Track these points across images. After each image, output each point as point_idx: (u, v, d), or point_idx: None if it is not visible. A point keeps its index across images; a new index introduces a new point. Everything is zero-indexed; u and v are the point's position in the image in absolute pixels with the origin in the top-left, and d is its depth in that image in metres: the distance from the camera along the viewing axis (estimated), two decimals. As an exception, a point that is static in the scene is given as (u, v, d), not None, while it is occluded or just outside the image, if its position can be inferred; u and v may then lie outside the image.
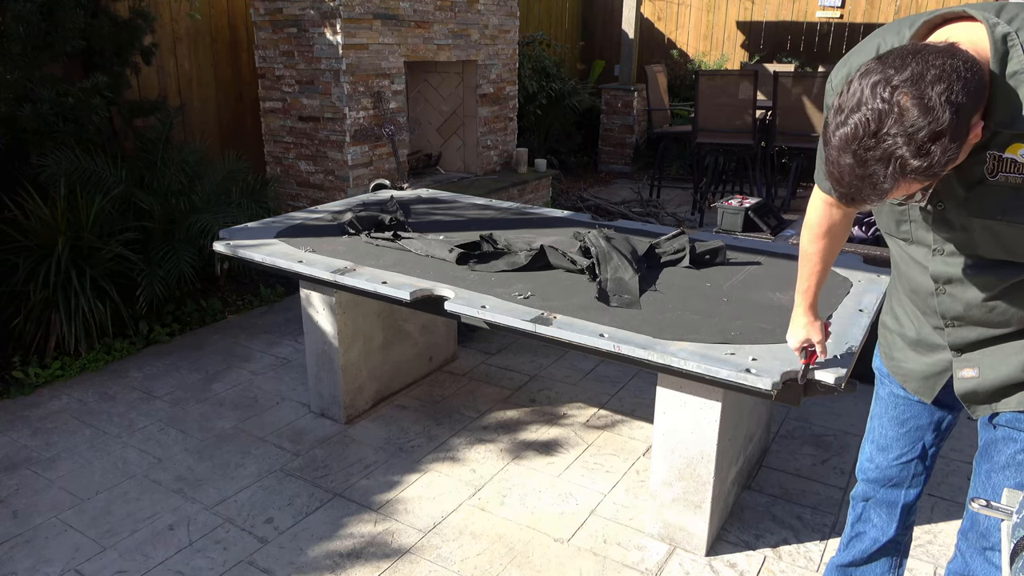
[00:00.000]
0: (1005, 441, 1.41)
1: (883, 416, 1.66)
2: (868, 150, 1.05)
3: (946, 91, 1.02)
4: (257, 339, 3.83)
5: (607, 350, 2.02)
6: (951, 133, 1.02)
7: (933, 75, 1.02)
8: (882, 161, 1.05)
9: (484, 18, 5.60)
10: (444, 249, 2.71)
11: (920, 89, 1.02)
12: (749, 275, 2.57)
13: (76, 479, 2.64)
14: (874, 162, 1.06)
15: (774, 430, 3.01)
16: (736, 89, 6.09)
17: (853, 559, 1.81)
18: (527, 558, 2.28)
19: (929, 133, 1.02)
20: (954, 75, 1.03)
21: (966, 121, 1.04)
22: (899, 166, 1.04)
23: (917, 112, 1.02)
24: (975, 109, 1.06)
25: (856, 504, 1.78)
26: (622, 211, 6.35)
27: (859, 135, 1.05)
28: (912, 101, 1.02)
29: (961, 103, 1.02)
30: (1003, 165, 1.15)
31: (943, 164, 1.04)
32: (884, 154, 1.04)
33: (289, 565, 2.24)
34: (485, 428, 3.01)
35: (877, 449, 1.69)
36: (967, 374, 1.42)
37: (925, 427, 1.60)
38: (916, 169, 1.04)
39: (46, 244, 3.42)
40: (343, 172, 4.69)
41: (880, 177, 1.06)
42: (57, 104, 3.52)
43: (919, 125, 1.02)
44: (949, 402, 1.55)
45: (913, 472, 1.65)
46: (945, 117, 1.01)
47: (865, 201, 1.12)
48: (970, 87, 1.04)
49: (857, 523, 1.78)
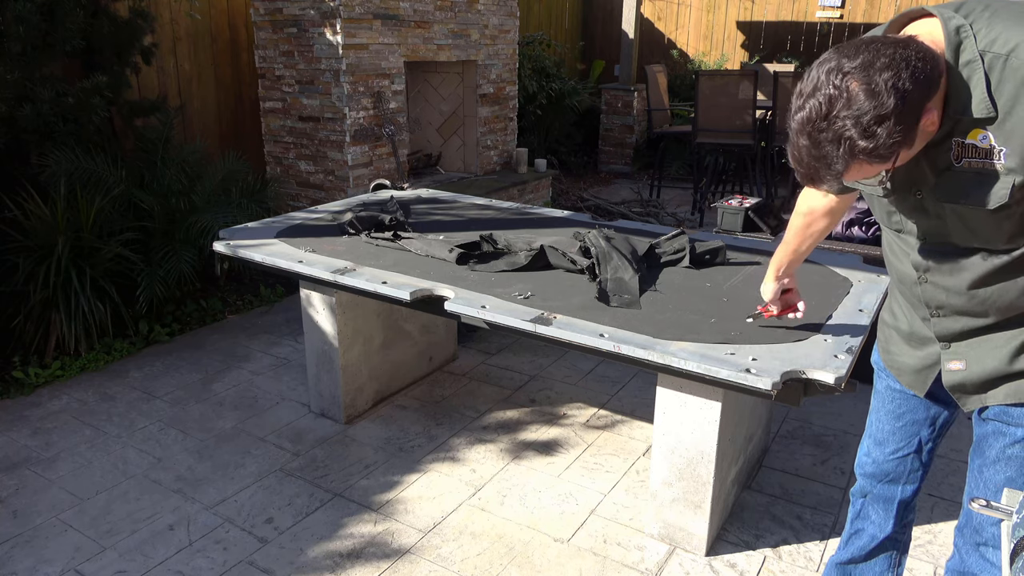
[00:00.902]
0: (995, 435, 1.43)
1: (880, 410, 1.68)
2: (821, 132, 1.13)
3: (892, 78, 1.09)
4: (257, 339, 3.83)
5: (607, 350, 2.02)
6: (895, 117, 1.09)
7: (882, 63, 1.10)
8: (833, 143, 1.13)
9: (484, 18, 5.60)
10: (444, 249, 2.71)
11: (868, 75, 1.10)
12: (749, 275, 2.57)
13: (76, 479, 2.64)
14: (827, 143, 1.13)
15: (774, 430, 3.01)
16: (736, 89, 6.09)
17: (852, 557, 1.81)
18: (527, 558, 2.28)
19: (874, 116, 1.09)
20: (903, 63, 1.10)
21: (914, 106, 1.11)
22: (848, 147, 1.12)
23: (864, 97, 1.09)
24: (925, 96, 1.12)
25: (855, 501, 1.79)
26: (622, 211, 6.35)
27: (813, 118, 1.14)
28: (860, 87, 1.10)
29: (907, 89, 1.09)
30: (965, 151, 1.22)
31: (888, 146, 1.11)
32: (835, 136, 1.12)
33: (289, 565, 2.24)
34: (485, 428, 3.01)
35: (874, 443, 1.70)
36: (954, 366, 1.44)
37: (921, 422, 1.62)
38: (864, 150, 1.11)
39: (46, 244, 3.42)
40: (343, 172, 4.69)
41: (833, 158, 1.14)
42: (57, 104, 3.52)
43: (864, 109, 1.09)
44: (945, 398, 1.56)
45: (910, 467, 1.66)
46: (890, 102, 1.09)
47: (823, 181, 1.20)
48: (918, 75, 1.11)
49: (856, 520, 1.79)
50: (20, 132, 3.51)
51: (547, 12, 8.61)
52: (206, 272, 4.18)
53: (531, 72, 7.39)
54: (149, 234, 3.81)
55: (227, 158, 4.36)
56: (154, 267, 3.69)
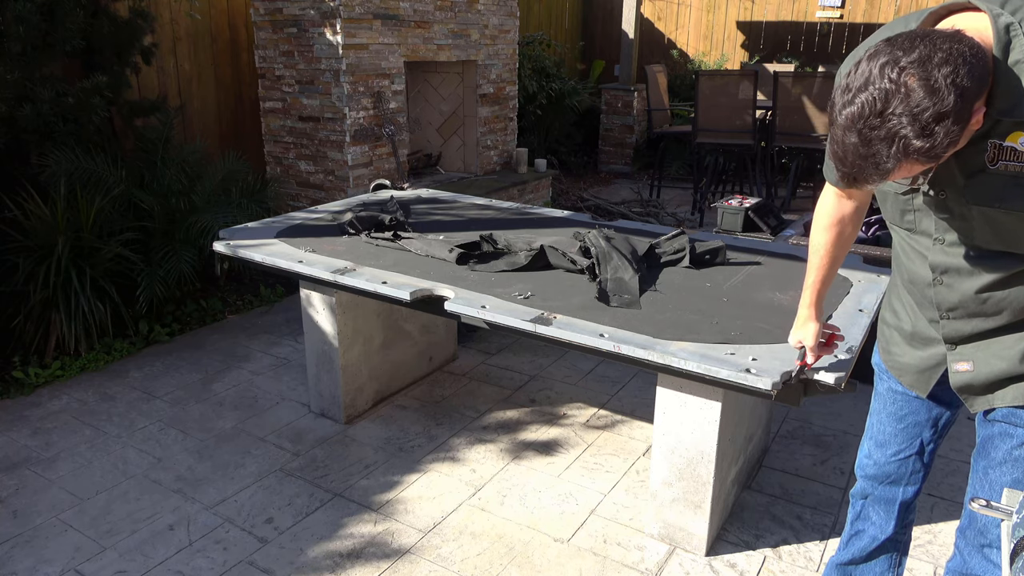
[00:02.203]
0: (1002, 437, 1.41)
1: (881, 412, 1.67)
2: (873, 129, 1.07)
3: (952, 74, 1.03)
4: (257, 339, 3.83)
5: (607, 350, 2.02)
6: (955, 115, 1.04)
7: (940, 58, 1.04)
8: (886, 140, 1.07)
9: (484, 18, 5.60)
10: (444, 249, 2.71)
11: (927, 71, 1.04)
12: (749, 275, 2.57)
13: (76, 479, 2.64)
14: (878, 141, 1.07)
15: (774, 430, 3.01)
16: (736, 89, 6.09)
17: (852, 557, 1.81)
18: (527, 558, 2.28)
19: (934, 114, 1.03)
20: (960, 59, 1.04)
21: (970, 104, 1.06)
22: (902, 146, 1.06)
23: (923, 93, 1.03)
24: (979, 93, 1.07)
25: (855, 502, 1.78)
26: (622, 211, 6.35)
27: (865, 114, 1.07)
28: (918, 82, 1.04)
29: (966, 86, 1.04)
30: (1003, 153, 1.17)
31: (945, 146, 1.06)
32: (888, 134, 1.06)
33: (289, 565, 2.24)
34: (485, 428, 3.01)
35: (875, 445, 1.69)
36: (961, 368, 1.43)
37: (923, 423, 1.61)
38: (919, 150, 1.06)
39: (46, 244, 3.42)
40: (343, 172, 4.69)
41: (883, 156, 1.08)
42: (57, 104, 3.52)
43: (924, 106, 1.03)
44: (947, 399, 1.56)
45: (911, 469, 1.66)
46: (950, 99, 1.03)
47: (867, 181, 1.14)
48: (975, 71, 1.05)
49: (856, 521, 1.79)
50: (20, 132, 3.51)
51: (547, 12, 8.61)
52: (206, 272, 4.17)
53: (531, 72, 7.39)
54: (149, 234, 3.81)
55: (227, 158, 4.36)
56: (154, 267, 3.69)
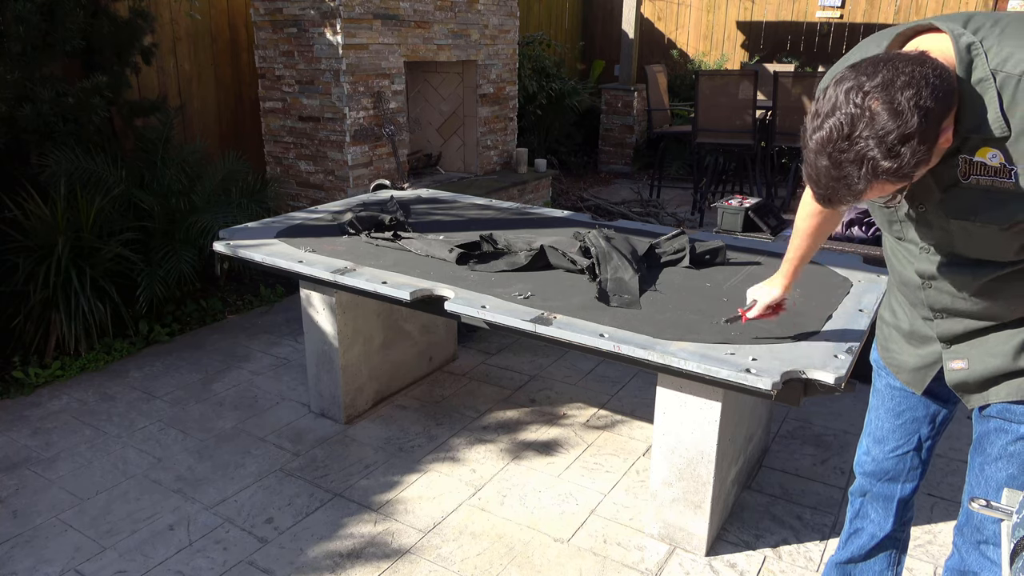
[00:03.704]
0: (997, 432, 1.43)
1: (880, 408, 1.68)
2: (842, 152, 1.11)
3: (915, 96, 1.07)
4: (257, 339, 3.83)
5: (607, 350, 2.02)
6: (920, 135, 1.07)
7: (903, 81, 1.08)
8: (855, 163, 1.10)
9: (484, 18, 5.60)
10: (444, 249, 2.71)
11: (890, 94, 1.08)
12: (749, 275, 2.57)
13: (76, 479, 2.64)
14: (848, 164, 1.11)
15: (774, 430, 3.01)
16: (736, 89, 6.09)
17: (852, 556, 1.81)
18: (527, 558, 2.28)
19: (899, 136, 1.07)
20: (923, 81, 1.08)
21: (935, 125, 1.09)
22: (871, 167, 1.10)
23: (887, 116, 1.07)
24: (944, 114, 1.11)
25: (854, 500, 1.79)
26: (622, 211, 6.35)
27: (833, 138, 1.11)
28: (882, 106, 1.08)
29: (929, 107, 1.08)
30: (974, 168, 1.21)
31: (912, 166, 1.10)
32: (857, 156, 1.10)
33: (289, 565, 2.24)
34: (485, 428, 3.01)
35: (873, 441, 1.70)
36: (956, 366, 1.45)
37: (921, 419, 1.62)
38: (887, 170, 1.10)
39: (46, 244, 3.42)
40: (343, 172, 4.69)
41: (854, 178, 1.12)
42: (57, 104, 3.52)
43: (889, 128, 1.07)
44: (945, 395, 1.57)
45: (909, 465, 1.67)
46: (914, 120, 1.07)
47: (841, 202, 1.17)
48: (938, 92, 1.09)
49: (855, 519, 1.79)
50: (20, 132, 3.51)
51: (547, 12, 8.61)
52: (206, 272, 4.18)
53: (531, 72, 7.39)
54: (149, 234, 3.81)
55: (227, 158, 4.36)
56: (154, 267, 3.69)
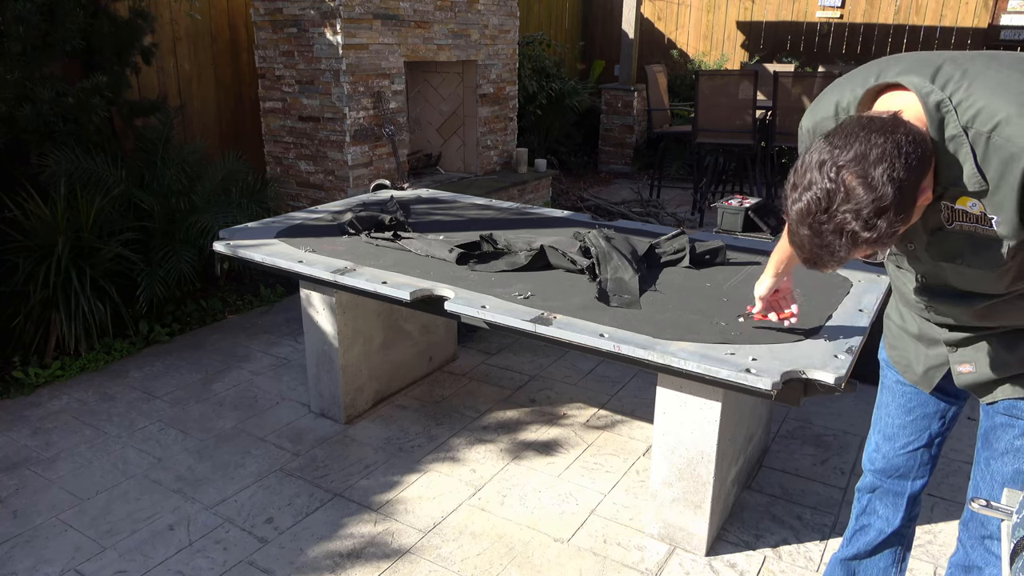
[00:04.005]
0: (1004, 427, 1.44)
1: (890, 405, 1.68)
2: (822, 224, 1.14)
3: (888, 169, 1.09)
4: (257, 339, 3.83)
5: (607, 350, 2.02)
6: (895, 208, 1.10)
7: (875, 155, 1.10)
8: (836, 232, 1.14)
9: (484, 18, 5.60)
10: (444, 249, 2.71)
11: (864, 168, 1.10)
12: (749, 275, 2.57)
13: (76, 479, 2.64)
14: (829, 233, 1.14)
15: (774, 430, 3.01)
16: (736, 89, 6.09)
17: (857, 552, 1.80)
18: (527, 558, 2.28)
19: (874, 210, 1.10)
20: (895, 151, 1.10)
21: (911, 193, 1.12)
22: (851, 238, 1.13)
23: (862, 191, 1.10)
24: (920, 178, 1.13)
25: (861, 496, 1.78)
26: (622, 211, 6.35)
27: (812, 211, 1.14)
28: (857, 180, 1.10)
29: (903, 179, 1.10)
30: (956, 215, 1.23)
31: (891, 234, 1.13)
32: (836, 227, 1.13)
33: (289, 565, 2.24)
34: (485, 428, 3.01)
35: (883, 438, 1.70)
36: (964, 369, 1.46)
37: (932, 415, 1.62)
38: (867, 240, 1.13)
39: (46, 244, 3.42)
40: (343, 172, 4.69)
41: (836, 246, 1.15)
42: (57, 104, 3.52)
43: (864, 203, 1.10)
44: (954, 391, 1.58)
45: (920, 461, 1.67)
46: (888, 194, 1.09)
47: (826, 266, 1.20)
48: (912, 161, 1.11)
49: (862, 515, 1.78)
50: (20, 132, 3.51)
51: (547, 12, 8.61)
52: (206, 272, 4.17)
53: (531, 72, 7.39)
54: (149, 234, 3.81)
55: (227, 158, 4.36)
56: (154, 267, 3.69)
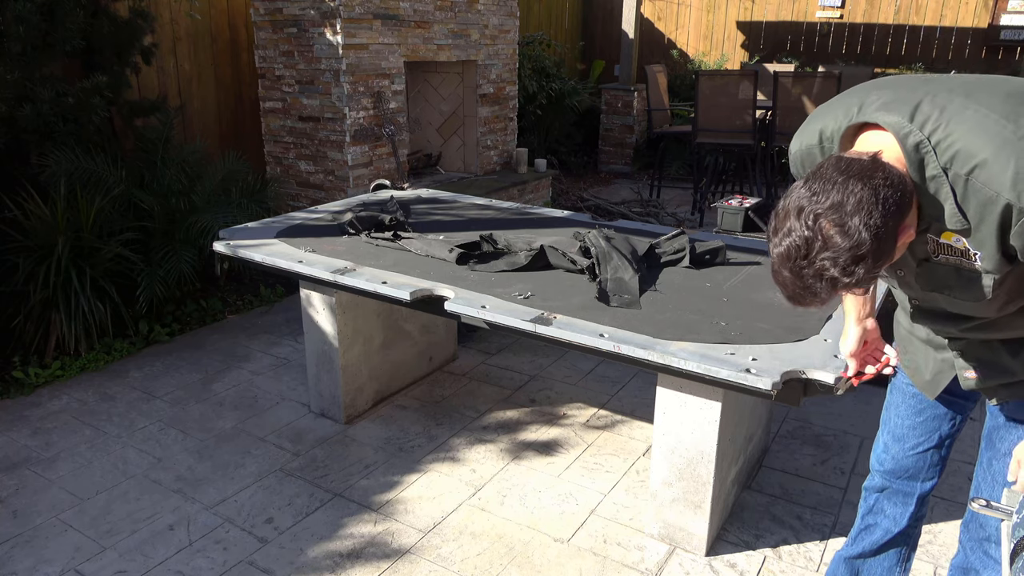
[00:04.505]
0: (1007, 428, 1.45)
1: (900, 405, 1.67)
2: (802, 268, 1.16)
3: (865, 217, 1.10)
4: (257, 339, 3.83)
5: (607, 350, 2.02)
6: (873, 254, 1.11)
7: (853, 203, 1.10)
8: (816, 276, 1.15)
9: (484, 18, 5.60)
10: (444, 249, 2.71)
11: (841, 217, 1.11)
12: (749, 275, 2.57)
13: (76, 479, 2.64)
14: (809, 277, 1.16)
15: (774, 430, 3.01)
16: (736, 89, 6.09)
17: (862, 551, 1.80)
18: (527, 558, 2.28)
19: (851, 257, 1.11)
20: (873, 199, 1.11)
21: (889, 238, 1.13)
22: (830, 282, 1.15)
23: (839, 239, 1.11)
24: (898, 223, 1.14)
25: (868, 496, 1.77)
26: (622, 211, 6.35)
27: (792, 256, 1.16)
28: (834, 228, 1.11)
29: (879, 225, 1.11)
30: (941, 248, 1.25)
31: (871, 277, 1.14)
32: (816, 272, 1.15)
33: (289, 565, 2.24)
34: (485, 428, 3.01)
35: (893, 439, 1.69)
36: (970, 375, 1.47)
37: (942, 417, 1.62)
38: (846, 284, 1.14)
39: (46, 244, 3.42)
40: (343, 172, 4.69)
41: (817, 288, 1.17)
42: (57, 104, 3.52)
43: (842, 251, 1.11)
44: (964, 393, 1.57)
45: (929, 462, 1.66)
46: (866, 242, 1.10)
47: (810, 305, 1.21)
48: (890, 207, 1.11)
49: (868, 515, 1.78)
50: (20, 132, 3.51)
51: (547, 12, 8.61)
52: (206, 272, 4.17)
53: (531, 72, 7.39)
54: (149, 234, 3.81)
55: (227, 158, 4.36)
56: (154, 267, 3.69)
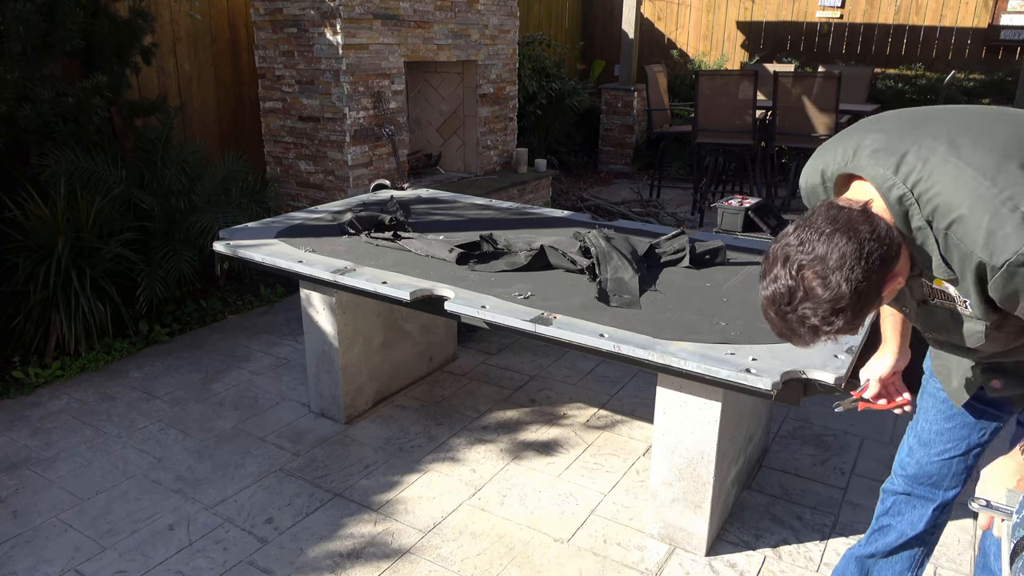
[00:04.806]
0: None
1: (930, 410, 1.65)
2: (787, 313, 1.21)
3: (847, 272, 1.14)
4: (257, 339, 3.83)
5: (607, 350, 2.02)
6: (852, 308, 1.15)
7: (836, 258, 1.14)
8: (799, 322, 1.20)
9: (484, 18, 5.60)
10: (444, 249, 2.71)
11: (823, 270, 1.15)
12: (749, 275, 2.57)
13: (76, 479, 2.64)
14: (793, 321, 1.21)
15: (774, 430, 3.01)
16: (736, 89, 6.09)
17: (875, 551, 1.77)
18: (527, 558, 2.28)
19: (831, 309, 1.15)
20: (855, 255, 1.13)
21: (871, 292, 1.15)
22: (812, 328, 1.20)
23: (820, 291, 1.15)
24: (882, 276, 1.16)
25: (886, 497, 1.75)
26: (622, 211, 6.35)
27: (778, 300, 1.20)
28: (816, 281, 1.15)
29: (860, 280, 1.14)
30: (935, 293, 1.28)
31: (853, 326, 1.19)
32: (799, 317, 1.20)
33: (289, 565, 2.24)
34: (485, 428, 3.01)
35: (919, 443, 1.66)
36: (995, 384, 1.46)
37: (972, 425, 1.59)
38: (827, 332, 1.19)
39: (46, 244, 3.42)
40: (343, 172, 4.69)
41: (800, 331, 1.22)
42: (57, 104, 3.52)
43: (821, 302, 1.15)
44: (999, 403, 1.55)
45: (954, 470, 1.63)
46: (845, 296, 1.14)
47: (796, 345, 1.26)
48: (873, 262, 1.14)
49: (884, 516, 1.75)
50: (20, 132, 3.51)
51: (547, 12, 8.61)
52: (206, 272, 4.17)
53: (531, 72, 7.39)
54: (149, 234, 3.81)
55: (227, 158, 4.36)
56: (154, 267, 3.69)
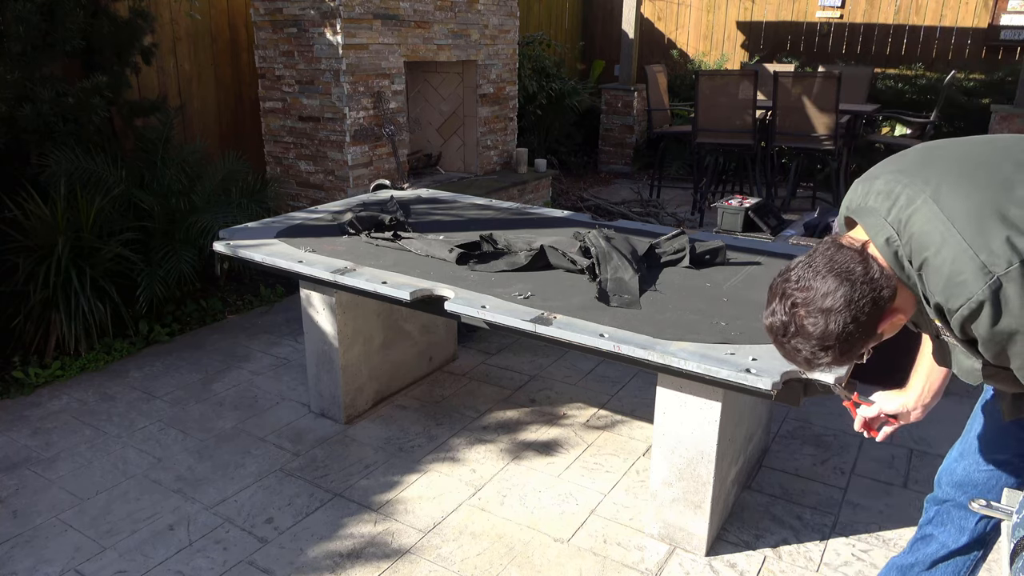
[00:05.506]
0: None
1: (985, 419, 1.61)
2: (783, 343, 1.30)
3: (835, 315, 1.21)
4: (257, 339, 3.83)
5: (607, 350, 2.02)
6: (839, 347, 1.23)
7: (828, 302, 1.21)
8: (792, 354, 1.30)
9: (484, 18, 5.60)
10: (444, 249, 2.71)
11: (813, 310, 1.23)
12: (749, 275, 2.57)
13: (76, 479, 2.64)
14: (789, 351, 1.30)
15: (774, 430, 3.01)
16: (736, 89, 6.09)
17: (915, 562, 1.74)
18: (527, 558, 2.28)
19: (819, 346, 1.24)
20: (846, 297, 1.20)
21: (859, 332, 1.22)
22: (805, 359, 1.29)
23: (810, 329, 1.24)
24: (876, 316, 1.23)
25: (930, 507, 1.71)
26: (622, 211, 6.35)
27: (775, 332, 1.30)
28: (807, 320, 1.24)
29: (847, 322, 1.21)
30: (941, 329, 1.29)
31: (843, 361, 1.27)
32: (792, 349, 1.29)
33: (289, 565, 2.24)
34: (485, 428, 3.01)
35: (969, 449, 1.63)
36: None
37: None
38: (818, 366, 1.28)
39: (46, 244, 3.42)
40: (343, 172, 4.69)
41: (797, 359, 1.30)
42: (57, 104, 3.52)
43: (811, 338, 1.24)
44: None
45: (1003, 483, 1.58)
46: (831, 336, 1.22)
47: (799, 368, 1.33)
48: (864, 304, 1.21)
49: (927, 524, 1.71)
50: (20, 132, 3.51)
51: (547, 12, 8.61)
52: (206, 272, 4.17)
53: (531, 72, 7.39)
54: (149, 234, 3.81)
55: (227, 158, 4.36)
56: (154, 267, 3.69)
